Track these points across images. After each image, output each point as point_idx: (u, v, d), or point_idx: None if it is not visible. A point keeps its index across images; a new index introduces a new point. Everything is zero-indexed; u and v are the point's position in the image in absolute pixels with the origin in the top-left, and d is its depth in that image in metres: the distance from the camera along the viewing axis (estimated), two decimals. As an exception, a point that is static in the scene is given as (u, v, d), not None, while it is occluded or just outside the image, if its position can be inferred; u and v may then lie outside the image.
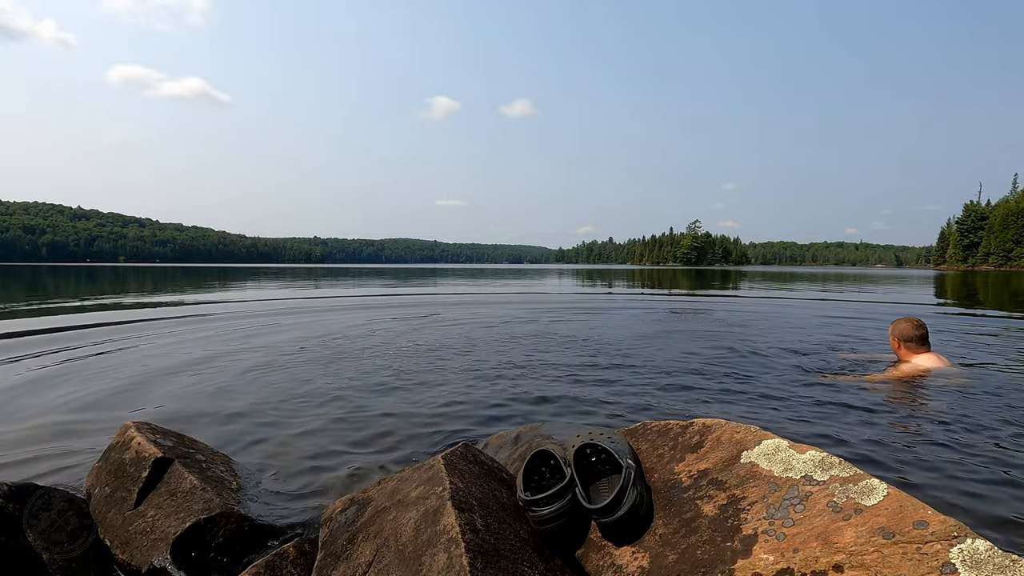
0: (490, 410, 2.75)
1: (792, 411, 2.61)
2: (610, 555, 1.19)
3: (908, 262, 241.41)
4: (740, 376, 3.42)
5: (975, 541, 0.85)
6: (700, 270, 64.66)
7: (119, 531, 1.47)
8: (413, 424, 2.52)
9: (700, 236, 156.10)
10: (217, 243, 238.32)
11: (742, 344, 4.74)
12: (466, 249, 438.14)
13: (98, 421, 2.55)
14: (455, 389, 3.18)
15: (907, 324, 3.36)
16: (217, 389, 3.16)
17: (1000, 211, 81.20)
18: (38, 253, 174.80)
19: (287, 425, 2.50)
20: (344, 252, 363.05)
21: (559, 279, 24.38)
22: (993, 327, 6.03)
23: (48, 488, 1.53)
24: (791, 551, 0.97)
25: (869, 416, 2.47)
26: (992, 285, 18.56)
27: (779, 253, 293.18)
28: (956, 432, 2.22)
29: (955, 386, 2.93)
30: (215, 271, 40.59)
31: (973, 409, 2.52)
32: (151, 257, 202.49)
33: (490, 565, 1.04)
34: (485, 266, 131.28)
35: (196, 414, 2.67)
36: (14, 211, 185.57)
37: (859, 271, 69.22)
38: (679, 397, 2.95)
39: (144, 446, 1.66)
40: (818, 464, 1.11)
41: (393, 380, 3.41)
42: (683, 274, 37.98)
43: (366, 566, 1.16)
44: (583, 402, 2.87)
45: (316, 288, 15.28)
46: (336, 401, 2.91)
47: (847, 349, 4.46)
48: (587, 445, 1.35)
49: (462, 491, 1.24)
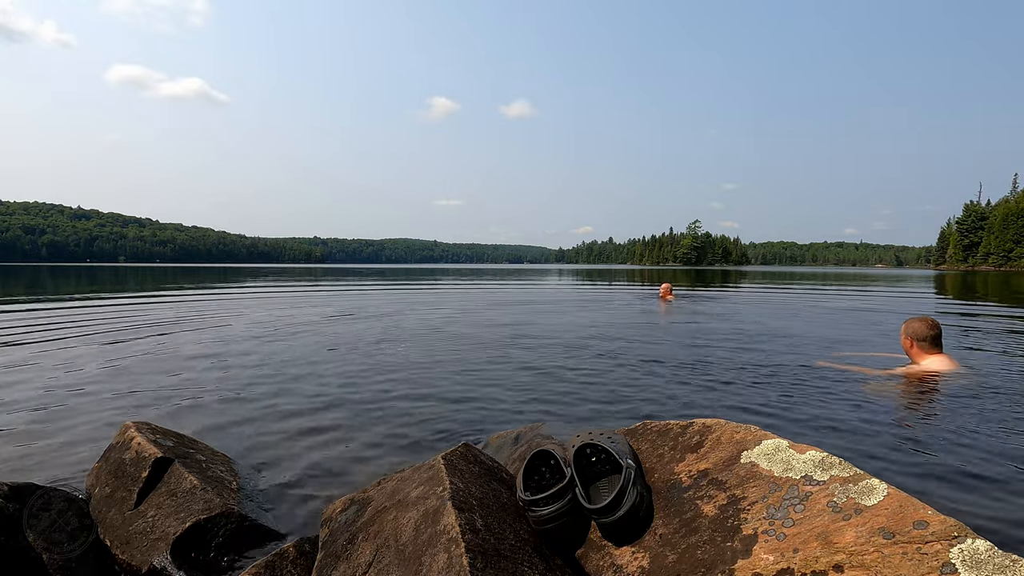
0: (490, 410, 2.75)
1: (793, 410, 2.61)
2: (610, 555, 1.19)
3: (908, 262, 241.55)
4: (740, 375, 3.42)
5: (975, 541, 0.85)
6: (700, 270, 64.68)
7: (119, 531, 1.47)
8: (413, 424, 2.52)
9: (700, 236, 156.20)
10: (217, 243, 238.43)
11: (743, 343, 4.74)
12: (466, 249, 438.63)
13: (98, 421, 2.55)
14: (455, 389, 3.18)
15: (921, 324, 3.26)
16: (217, 389, 3.16)
17: (1000, 211, 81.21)
18: (38, 253, 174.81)
19: (287, 425, 2.50)
20: (344, 252, 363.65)
21: (559, 278, 24.39)
22: (995, 326, 6.04)
23: (48, 488, 1.52)
24: (791, 551, 0.97)
25: (871, 416, 2.47)
26: (992, 284, 18.56)
27: (779, 253, 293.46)
28: (957, 433, 2.22)
29: (962, 389, 2.90)
30: (215, 271, 40.59)
31: (977, 412, 2.52)
32: (151, 257, 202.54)
33: (490, 565, 1.04)
34: (485, 266, 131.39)
35: (196, 414, 2.67)
36: (14, 211, 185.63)
37: (859, 271, 69.24)
38: (679, 397, 2.95)
39: (144, 446, 1.66)
40: (818, 464, 1.11)
41: (393, 380, 3.41)
42: (683, 273, 37.99)
43: (366, 566, 1.16)
44: (583, 402, 2.87)
45: (316, 287, 15.29)
46: (336, 401, 2.91)
47: (848, 347, 4.46)
48: (587, 445, 1.35)
49: (462, 491, 1.24)
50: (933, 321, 3.26)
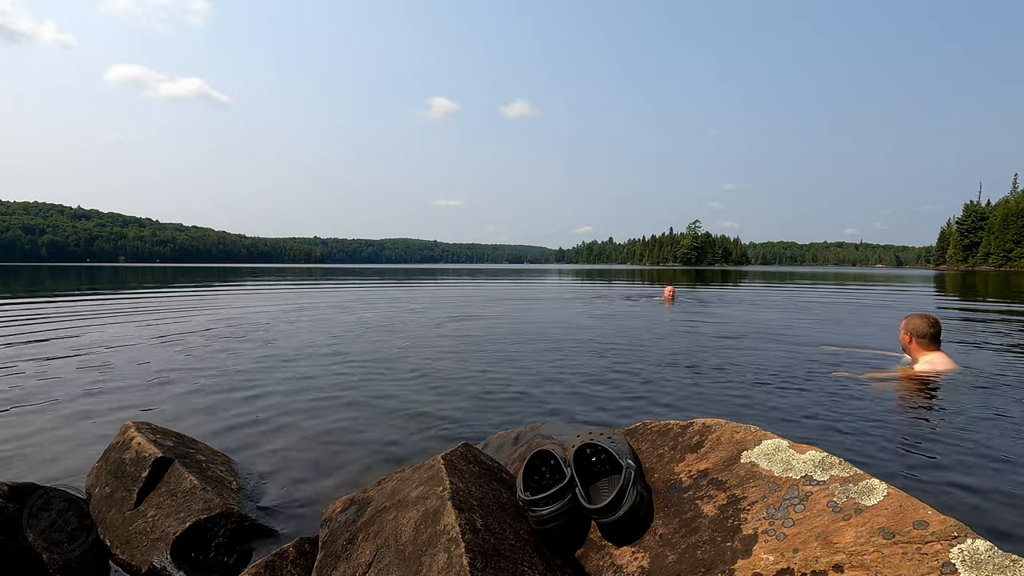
0: (490, 410, 2.75)
1: (793, 410, 2.61)
2: (610, 555, 1.19)
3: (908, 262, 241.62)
4: (741, 375, 3.42)
5: (975, 541, 0.85)
6: (700, 270, 64.67)
7: (119, 531, 1.47)
8: (413, 424, 2.52)
9: (700, 236, 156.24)
10: (217, 243, 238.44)
11: (743, 343, 4.74)
12: (466, 249, 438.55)
13: (98, 420, 2.55)
14: (455, 389, 3.18)
15: (921, 321, 3.26)
16: (217, 388, 3.16)
17: (1000, 211, 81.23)
18: (38, 253, 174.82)
19: (287, 425, 2.50)
20: (344, 252, 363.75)
21: (559, 278, 24.39)
22: (994, 325, 6.03)
23: (48, 488, 1.52)
24: (791, 551, 0.97)
25: (872, 415, 2.47)
26: (992, 284, 18.56)
27: (779, 253, 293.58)
28: (957, 433, 2.22)
29: (961, 388, 2.90)
30: (215, 271, 40.59)
31: (976, 412, 2.52)
32: (151, 257, 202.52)
33: (490, 565, 1.04)
34: (485, 266, 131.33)
35: (196, 413, 2.67)
36: (14, 211, 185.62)
37: (859, 271, 69.25)
38: (679, 397, 2.95)
39: (144, 446, 1.66)
40: (818, 464, 1.11)
41: (393, 379, 3.41)
42: (683, 273, 37.99)
43: (366, 566, 1.16)
44: (583, 402, 2.87)
45: (317, 287, 15.30)
46: (336, 401, 2.91)
47: (848, 347, 4.46)
48: (587, 445, 1.35)
49: (462, 491, 1.24)
50: (934, 319, 3.25)
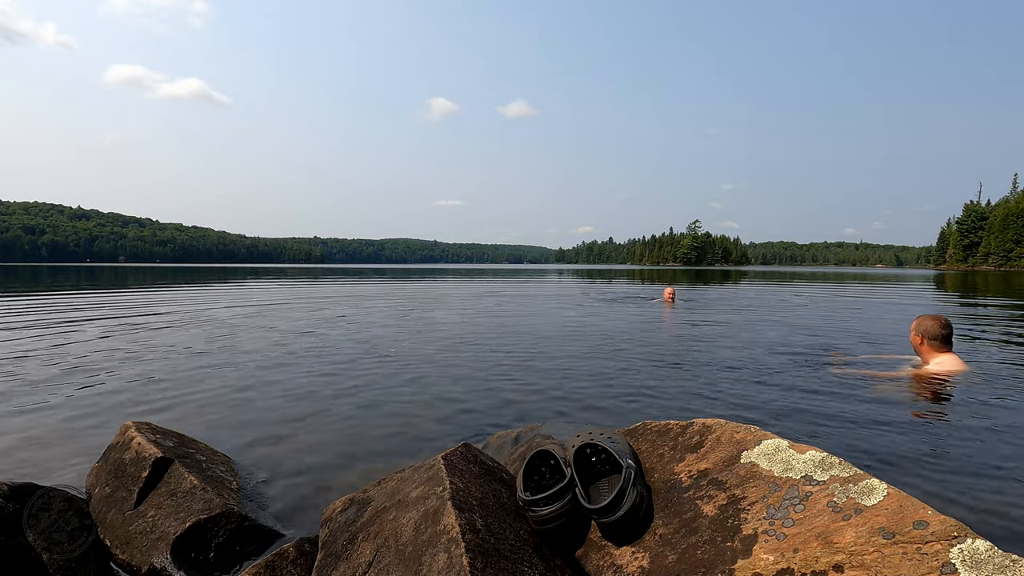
0: (490, 410, 2.75)
1: (794, 410, 2.61)
2: (610, 555, 1.19)
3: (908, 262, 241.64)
4: (741, 375, 3.42)
5: (975, 541, 0.85)
6: (700, 270, 64.67)
7: (119, 531, 1.47)
8: (413, 424, 2.52)
9: (700, 236, 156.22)
10: (217, 243, 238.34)
11: (743, 342, 4.74)
12: (466, 249, 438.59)
13: (98, 420, 2.55)
14: (455, 388, 3.18)
15: (933, 322, 3.19)
16: (217, 389, 3.15)
17: (1000, 211, 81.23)
18: (38, 253, 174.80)
19: (287, 425, 2.50)
20: (344, 252, 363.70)
21: (559, 278, 24.38)
22: (1000, 325, 6.03)
23: (48, 488, 1.52)
24: (791, 551, 0.97)
25: (872, 415, 2.47)
26: (992, 284, 18.56)
27: (779, 253, 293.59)
28: (958, 433, 2.22)
29: (967, 390, 2.88)
30: (215, 271, 40.59)
31: (980, 413, 2.52)
32: (151, 257, 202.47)
33: (490, 565, 1.04)
34: (485, 266, 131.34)
35: (196, 414, 2.67)
36: (14, 211, 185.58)
37: (859, 271, 69.23)
38: (679, 397, 2.95)
39: (144, 446, 1.66)
40: (818, 464, 1.11)
41: (393, 379, 3.41)
42: (683, 274, 37.98)
43: (366, 566, 1.16)
44: (583, 401, 2.87)
45: (316, 286, 15.30)
46: (335, 401, 2.91)
47: (849, 346, 4.45)
48: (587, 445, 1.35)
49: (462, 491, 1.24)
50: (945, 320, 3.19)
